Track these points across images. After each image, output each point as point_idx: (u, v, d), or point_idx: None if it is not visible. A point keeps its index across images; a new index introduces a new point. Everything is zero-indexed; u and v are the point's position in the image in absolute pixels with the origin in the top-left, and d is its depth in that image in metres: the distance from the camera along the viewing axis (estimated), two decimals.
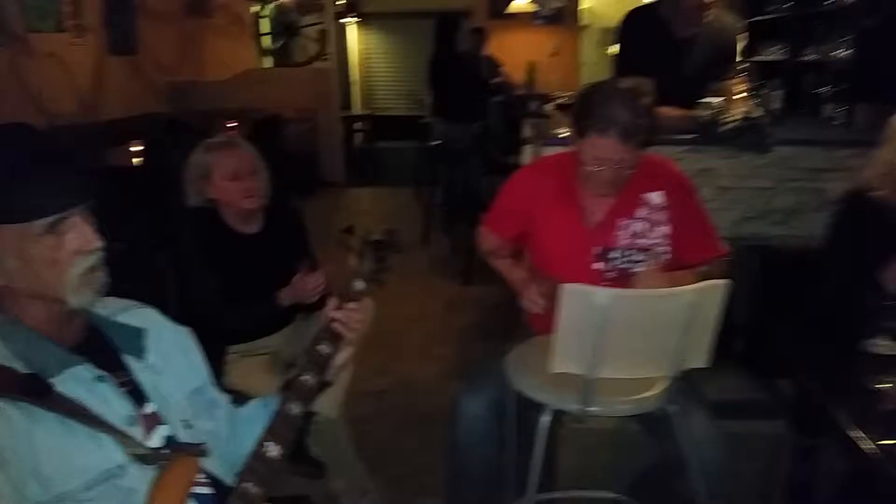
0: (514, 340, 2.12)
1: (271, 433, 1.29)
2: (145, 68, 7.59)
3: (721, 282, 1.64)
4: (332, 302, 1.47)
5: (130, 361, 1.30)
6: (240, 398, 1.68)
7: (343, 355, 1.46)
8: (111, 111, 6.77)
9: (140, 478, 1.17)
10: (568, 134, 2.94)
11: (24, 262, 1.12)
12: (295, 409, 1.35)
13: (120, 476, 1.16)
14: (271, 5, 7.90)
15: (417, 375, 3.65)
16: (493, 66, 6.31)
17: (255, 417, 1.46)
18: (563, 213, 2.12)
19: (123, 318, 1.35)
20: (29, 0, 5.91)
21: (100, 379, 1.20)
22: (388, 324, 4.11)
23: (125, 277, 2.43)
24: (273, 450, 1.29)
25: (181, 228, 2.30)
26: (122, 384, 1.26)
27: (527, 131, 4.00)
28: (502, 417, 2.02)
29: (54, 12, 6.29)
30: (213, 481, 1.32)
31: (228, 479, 1.34)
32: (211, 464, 1.33)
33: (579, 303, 1.61)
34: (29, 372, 1.12)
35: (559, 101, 4.62)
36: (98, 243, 1.18)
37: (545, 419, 1.80)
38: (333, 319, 1.44)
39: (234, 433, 1.47)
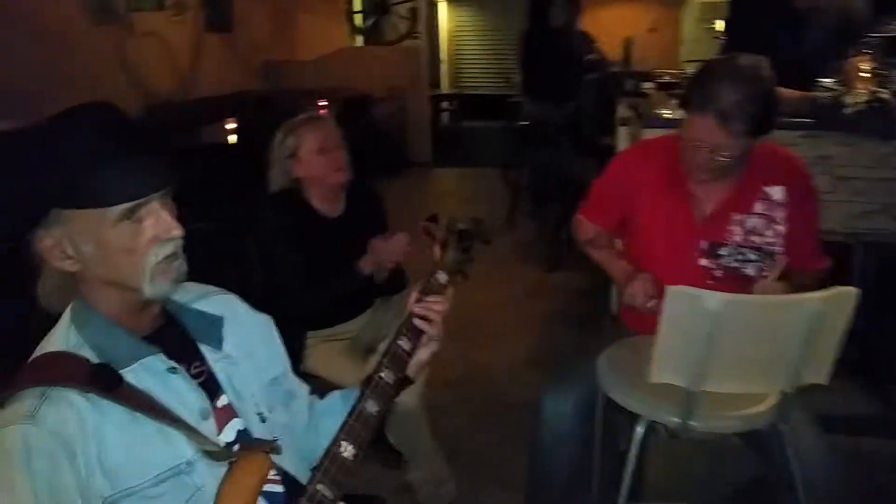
0: (603, 336, 1.98)
1: (346, 432, 1.22)
2: (240, 46, 7.72)
3: (851, 290, 1.44)
4: (413, 295, 1.39)
5: (207, 351, 1.26)
6: (318, 384, 1.63)
7: (426, 352, 1.38)
8: (206, 89, 6.93)
9: (209, 474, 1.13)
10: (671, 114, 2.74)
11: (100, 249, 1.08)
12: (372, 407, 1.28)
13: (189, 472, 1.12)
14: None
15: (496, 364, 3.55)
16: (588, 41, 6.04)
17: (334, 410, 1.41)
18: (669, 202, 1.95)
19: (201, 306, 1.30)
20: None
21: (172, 370, 1.16)
22: (468, 310, 4.02)
23: (214, 259, 2.44)
24: (347, 450, 1.22)
25: (265, 210, 2.27)
26: (197, 375, 1.22)
27: (622, 111, 3.79)
28: (589, 418, 1.90)
29: None
30: (286, 479, 1.27)
31: (302, 474, 1.29)
32: (284, 460, 1.28)
33: (686, 307, 1.44)
34: (100, 363, 1.08)
35: (660, 79, 4.35)
36: (177, 231, 1.12)
37: (639, 430, 1.66)
38: (414, 314, 1.36)
39: (311, 425, 1.42)
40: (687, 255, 1.91)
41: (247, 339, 1.34)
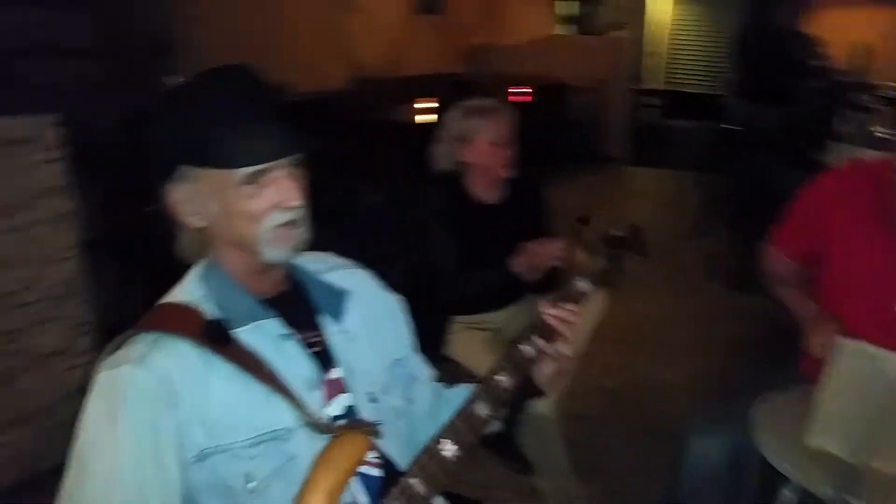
0: (773, 378, 1.74)
1: (450, 430, 1.16)
2: (449, 28, 7.87)
3: None
4: (548, 299, 1.29)
5: (326, 323, 1.24)
6: (457, 370, 1.60)
7: (552, 365, 1.29)
8: (413, 68, 7.14)
9: (306, 445, 1.11)
10: (886, 134, 2.37)
11: (223, 209, 1.10)
12: (482, 409, 1.21)
13: (286, 439, 1.11)
14: None
15: (659, 381, 3.32)
16: (812, 44, 5.44)
17: (457, 402, 1.35)
18: (872, 240, 1.68)
19: (329, 278, 1.29)
20: None
21: (285, 336, 1.16)
22: (638, 319, 3.80)
23: (373, 233, 2.47)
24: (448, 449, 1.16)
25: (427, 190, 2.26)
26: (311, 345, 1.20)
27: (841, 126, 3.34)
28: (739, 469, 1.68)
29: None
30: (386, 464, 1.23)
31: (406, 461, 1.24)
32: (389, 445, 1.24)
33: (861, 366, 1.22)
34: (213, 319, 1.10)
35: (889, 93, 3.79)
36: (297, 201, 1.11)
37: (789, 495, 1.43)
38: (545, 320, 1.26)
39: (433, 413, 1.37)
40: (884, 302, 1.63)
41: (372, 317, 1.32)
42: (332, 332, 1.24)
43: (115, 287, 2.76)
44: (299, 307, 1.22)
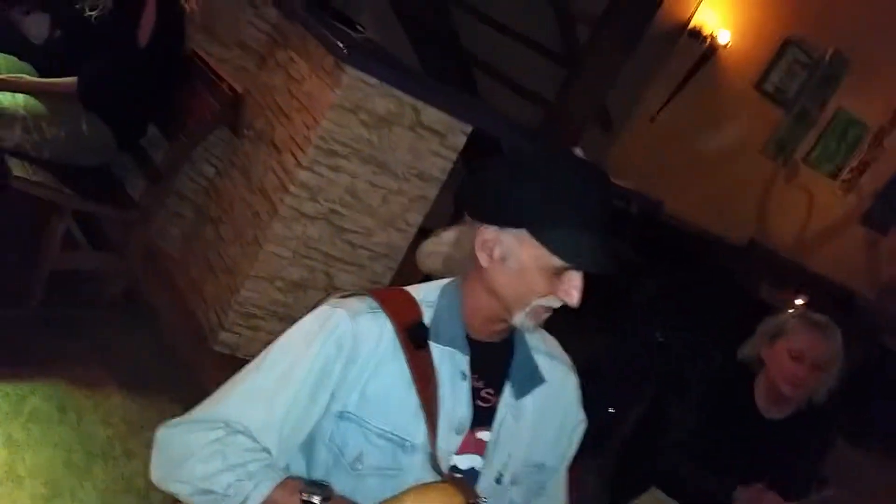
0: None
1: None
2: (882, 252, 7.16)
3: None
4: None
5: (508, 391, 1.30)
6: None
7: None
8: (816, 265, 6.64)
9: (417, 469, 1.20)
10: None
11: (517, 272, 1.20)
12: None
13: (406, 452, 1.21)
14: None
15: None
16: None
17: None
18: None
19: (539, 359, 1.35)
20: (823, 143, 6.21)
21: (464, 376, 1.25)
22: None
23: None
24: None
25: (710, 365, 2.17)
26: (483, 399, 1.28)
27: None
28: None
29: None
30: None
31: None
32: None
33: None
34: (423, 325, 1.25)
35: None
36: (574, 302, 1.20)
37: None
38: None
39: None
40: None
41: (548, 416, 1.35)
42: (507, 402, 1.29)
43: None
44: (496, 363, 1.30)
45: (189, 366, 2.55)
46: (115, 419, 2.24)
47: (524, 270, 1.20)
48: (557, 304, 1.21)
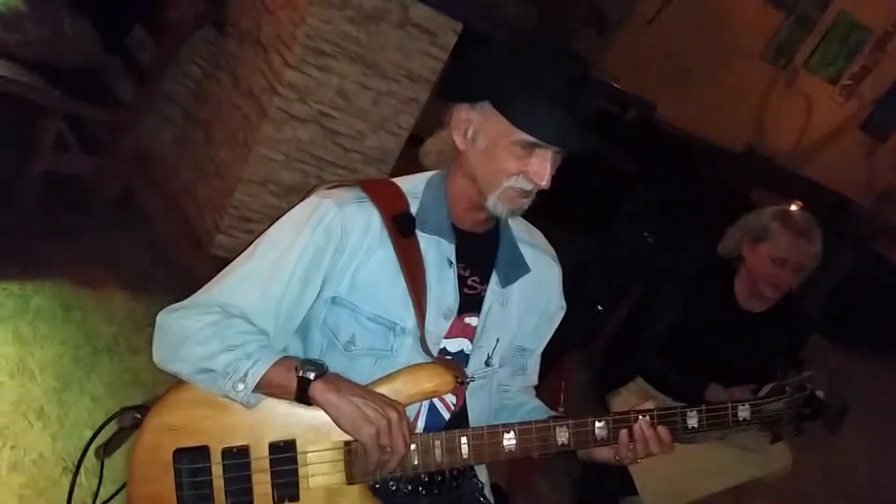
0: None
1: (524, 427, 1.26)
2: (881, 159, 7.15)
3: None
4: (649, 407, 1.31)
5: (494, 279, 1.35)
6: None
7: (607, 455, 1.32)
8: (812, 172, 6.64)
9: (407, 351, 1.26)
10: None
11: (488, 150, 1.24)
12: (561, 435, 1.28)
13: (397, 334, 1.26)
14: None
15: None
16: None
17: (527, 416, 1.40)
18: None
19: (524, 249, 1.39)
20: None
21: (450, 263, 1.30)
22: None
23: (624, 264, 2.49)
24: (509, 439, 1.26)
25: (693, 260, 2.22)
26: (469, 286, 1.33)
27: None
28: None
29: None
30: (459, 414, 1.34)
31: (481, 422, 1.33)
32: (472, 403, 1.35)
33: None
34: (410, 214, 1.28)
35: None
36: (544, 183, 1.22)
37: None
38: (632, 427, 1.28)
39: (510, 409, 1.45)
40: None
41: (532, 303, 1.40)
42: (494, 290, 1.35)
43: None
44: (482, 252, 1.35)
45: (187, 269, 2.60)
46: (119, 317, 2.31)
47: (493, 148, 1.22)
48: (528, 186, 1.23)
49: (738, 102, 6.03)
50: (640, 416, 1.28)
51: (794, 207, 2.31)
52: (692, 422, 1.30)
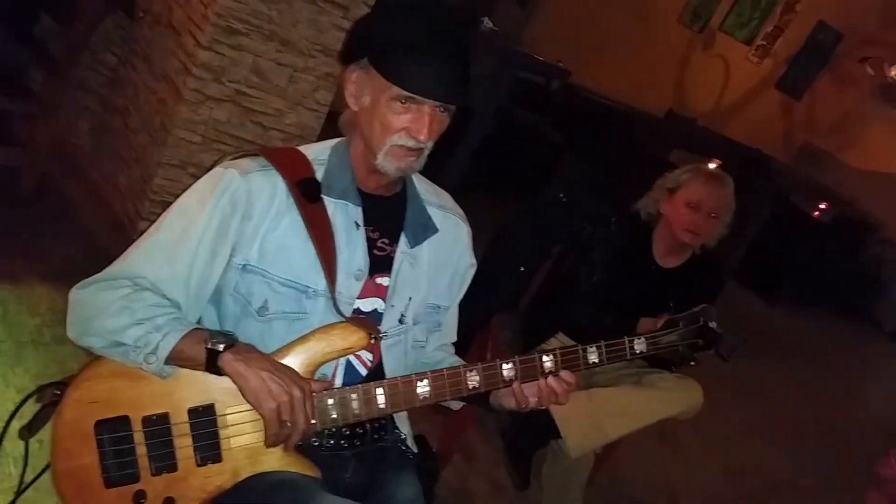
0: None
1: (436, 374, 1.30)
2: (798, 117, 7.45)
3: None
4: (556, 345, 1.37)
5: (403, 240, 1.41)
6: None
7: (512, 403, 1.38)
8: (734, 132, 6.88)
9: (320, 312, 1.31)
10: None
11: (370, 107, 1.29)
12: (472, 379, 1.33)
13: (309, 297, 1.31)
14: None
15: None
16: None
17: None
18: None
19: (432, 211, 1.45)
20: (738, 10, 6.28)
21: (357, 226, 1.34)
22: None
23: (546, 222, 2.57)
24: (423, 386, 1.31)
25: (613, 219, 2.31)
26: (379, 248, 1.38)
27: None
28: None
29: None
30: (376, 371, 1.39)
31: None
32: (388, 360, 1.40)
33: None
34: (315, 179, 1.32)
35: None
36: (423, 137, 1.26)
37: None
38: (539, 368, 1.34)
39: (427, 364, 1.49)
40: None
41: (442, 262, 1.46)
42: (404, 250, 1.40)
43: None
44: (390, 215, 1.40)
45: (111, 257, 2.58)
46: (42, 309, 2.29)
47: (375, 105, 1.27)
48: (411, 143, 1.27)
49: (659, 67, 6.21)
50: (544, 356, 1.35)
51: (712, 165, 2.43)
52: (593, 357, 1.38)
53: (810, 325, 6.15)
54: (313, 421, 1.22)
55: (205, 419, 1.22)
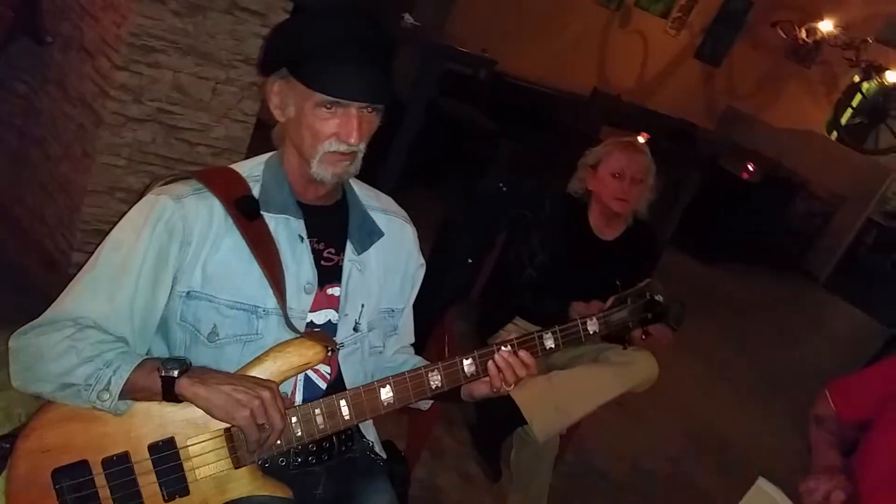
0: None
1: (397, 379, 1.29)
2: (717, 84, 7.67)
3: None
4: (510, 337, 1.38)
5: (350, 248, 1.39)
6: None
7: (485, 390, 1.38)
8: (659, 104, 7.04)
9: (274, 331, 1.28)
10: None
11: (297, 116, 1.27)
12: (434, 379, 1.32)
13: (259, 317, 1.28)
14: (874, 82, 7.03)
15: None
16: None
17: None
18: None
19: (375, 215, 1.44)
20: None
21: (301, 239, 1.32)
22: None
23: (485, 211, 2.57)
24: (385, 393, 1.30)
25: (546, 201, 2.34)
26: (326, 259, 1.36)
27: None
28: None
29: None
30: (335, 382, 1.37)
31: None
32: (347, 370, 1.38)
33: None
34: (250, 195, 1.29)
35: None
36: (354, 140, 1.25)
37: None
38: (494, 358, 1.34)
39: (388, 368, 1.48)
40: None
41: (390, 265, 1.45)
42: (351, 258, 1.38)
43: None
44: (333, 224, 1.38)
45: (47, 294, 2.48)
46: None
47: (301, 114, 1.26)
48: (343, 148, 1.25)
49: (581, 48, 6.30)
50: (502, 347, 1.36)
51: (640, 139, 2.48)
52: (549, 343, 1.39)
53: (748, 283, 6.37)
54: (293, 418, 1.22)
55: (166, 453, 1.19)
